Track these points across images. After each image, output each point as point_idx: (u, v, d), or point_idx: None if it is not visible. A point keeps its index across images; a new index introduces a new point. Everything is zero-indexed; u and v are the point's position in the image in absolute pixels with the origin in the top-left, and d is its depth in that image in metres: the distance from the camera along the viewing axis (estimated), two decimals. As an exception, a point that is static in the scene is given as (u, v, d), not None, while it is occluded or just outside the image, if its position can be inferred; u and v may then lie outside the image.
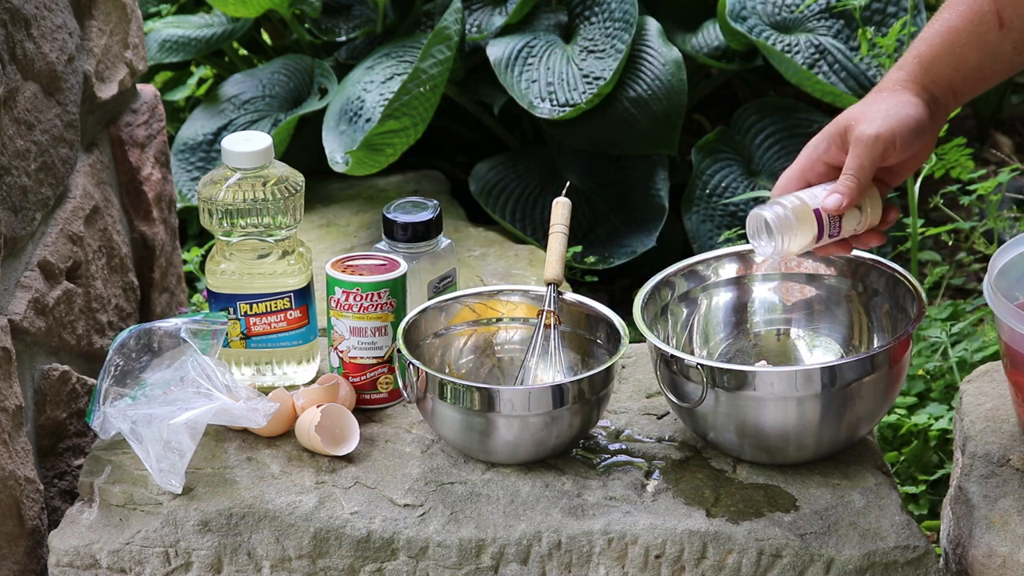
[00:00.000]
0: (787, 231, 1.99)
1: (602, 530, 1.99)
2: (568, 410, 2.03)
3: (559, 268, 2.14)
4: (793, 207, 2.00)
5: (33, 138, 2.20)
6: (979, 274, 3.12)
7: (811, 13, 3.25)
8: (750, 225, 2.02)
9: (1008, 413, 2.11)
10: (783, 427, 2.02)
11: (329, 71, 3.29)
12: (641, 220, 3.16)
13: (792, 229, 1.99)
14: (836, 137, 2.01)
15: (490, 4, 3.29)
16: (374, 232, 3.03)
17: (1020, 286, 2.08)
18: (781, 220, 1.99)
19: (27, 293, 2.18)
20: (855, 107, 2.01)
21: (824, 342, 2.19)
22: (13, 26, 2.15)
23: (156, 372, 2.13)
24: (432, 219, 2.22)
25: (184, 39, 3.40)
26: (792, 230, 1.99)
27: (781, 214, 1.99)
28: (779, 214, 1.99)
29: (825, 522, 1.99)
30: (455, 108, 3.33)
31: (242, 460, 2.10)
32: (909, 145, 1.99)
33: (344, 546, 2.01)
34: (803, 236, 2.00)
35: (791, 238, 2.00)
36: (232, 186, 2.16)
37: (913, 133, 1.99)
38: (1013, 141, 3.58)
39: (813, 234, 2.00)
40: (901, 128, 1.98)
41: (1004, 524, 1.97)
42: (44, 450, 2.22)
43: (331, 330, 2.17)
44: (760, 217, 2.01)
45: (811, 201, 2.00)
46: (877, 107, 1.99)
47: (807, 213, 2.00)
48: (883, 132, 1.97)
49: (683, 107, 3.13)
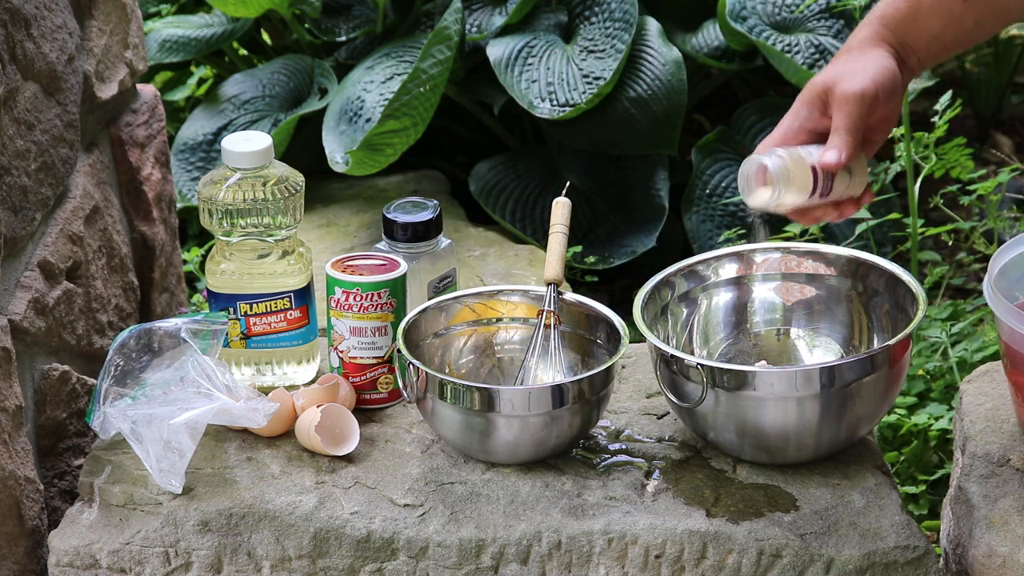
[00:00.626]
0: (785, 181, 1.96)
1: (602, 530, 1.99)
2: (568, 410, 2.03)
3: (559, 268, 2.14)
4: (792, 158, 1.97)
5: (33, 138, 2.20)
6: (979, 274, 3.12)
7: (811, 13, 3.25)
8: (744, 173, 1.98)
9: (1008, 413, 2.11)
10: (783, 427, 2.02)
11: (329, 71, 3.29)
12: (641, 220, 3.16)
13: (789, 180, 1.96)
14: (816, 101, 1.99)
15: (490, 4, 3.29)
16: (374, 232, 3.03)
17: (1020, 286, 2.08)
18: (780, 169, 1.96)
19: (27, 293, 2.18)
20: (828, 70, 2.00)
21: (824, 342, 2.19)
22: (13, 26, 2.15)
23: (156, 372, 2.13)
24: (432, 219, 2.22)
25: (184, 39, 3.40)
26: (789, 181, 1.96)
27: (780, 164, 1.96)
28: (778, 164, 1.96)
29: (825, 522, 1.99)
30: (455, 108, 3.33)
31: (242, 460, 2.10)
32: (890, 99, 1.99)
33: (344, 546, 2.01)
34: (798, 190, 1.97)
35: (787, 190, 1.97)
36: (232, 186, 2.16)
37: (892, 86, 1.98)
38: (1013, 141, 3.58)
39: (808, 189, 1.97)
40: (883, 82, 1.97)
41: (1004, 524, 1.97)
42: (44, 450, 2.22)
43: (331, 330, 2.17)
44: (758, 164, 1.97)
45: (807, 156, 1.97)
46: (853, 65, 1.98)
47: (804, 167, 1.97)
48: (867, 87, 1.96)
49: (683, 107, 3.13)
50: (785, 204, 1.99)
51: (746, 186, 1.99)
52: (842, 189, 2.00)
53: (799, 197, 1.98)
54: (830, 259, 2.19)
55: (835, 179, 1.98)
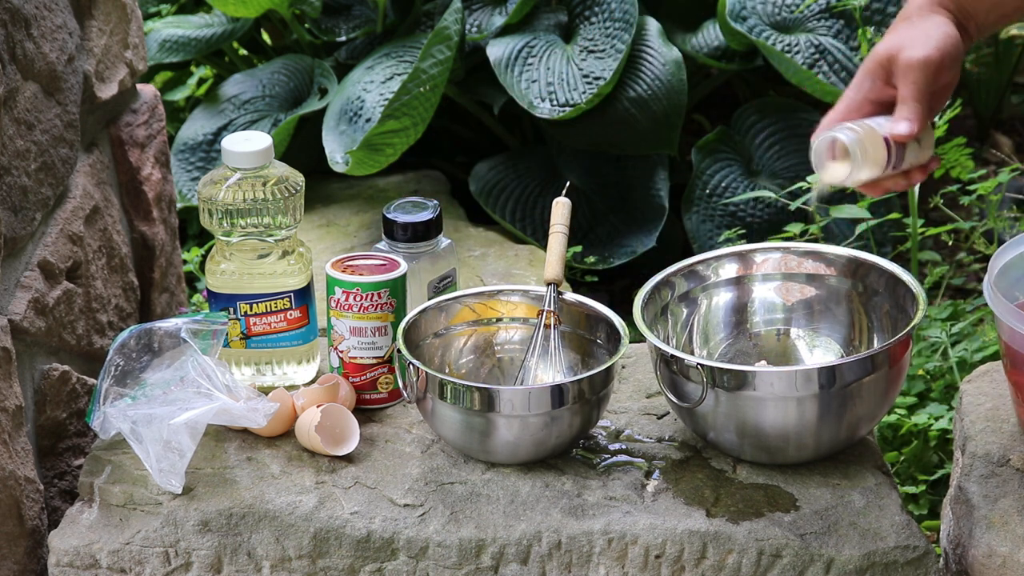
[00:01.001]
0: (863, 155, 1.91)
1: (602, 530, 1.99)
2: (568, 410, 2.03)
3: (559, 268, 2.14)
4: (865, 131, 1.91)
5: (33, 138, 2.20)
6: (979, 274, 3.12)
7: (811, 13, 3.25)
8: (818, 150, 1.93)
9: (1008, 413, 2.11)
10: (783, 427, 2.02)
11: (329, 71, 3.29)
12: (641, 220, 3.16)
13: (867, 154, 1.91)
14: (879, 71, 1.94)
15: (490, 4, 3.29)
16: (374, 232, 3.03)
17: (1020, 286, 2.08)
18: (856, 143, 1.91)
19: (27, 293, 2.18)
20: (889, 38, 1.95)
21: (824, 342, 2.19)
22: (13, 26, 2.15)
23: (156, 372, 2.13)
24: (432, 219, 2.22)
25: (184, 39, 3.40)
26: (868, 155, 1.91)
27: (855, 138, 1.91)
28: (853, 138, 1.90)
29: (825, 522, 1.99)
30: (455, 108, 3.33)
31: (242, 460, 2.10)
32: (954, 64, 1.94)
33: (344, 546, 2.01)
34: (874, 163, 1.92)
35: (864, 163, 1.92)
36: (232, 186, 2.16)
37: (956, 52, 1.93)
38: (1013, 141, 3.58)
39: (883, 162, 1.92)
40: (946, 48, 1.92)
41: (1004, 524, 1.97)
42: (44, 450, 2.22)
43: (331, 330, 2.17)
44: (833, 140, 1.92)
45: (878, 128, 1.92)
46: (914, 32, 1.94)
47: (877, 139, 1.92)
48: (932, 54, 1.91)
49: (683, 107, 3.13)
50: (861, 178, 1.93)
51: (819, 162, 1.94)
52: (912, 158, 1.95)
53: (875, 170, 1.93)
54: (830, 259, 2.19)
55: (906, 149, 1.94)
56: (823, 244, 2.30)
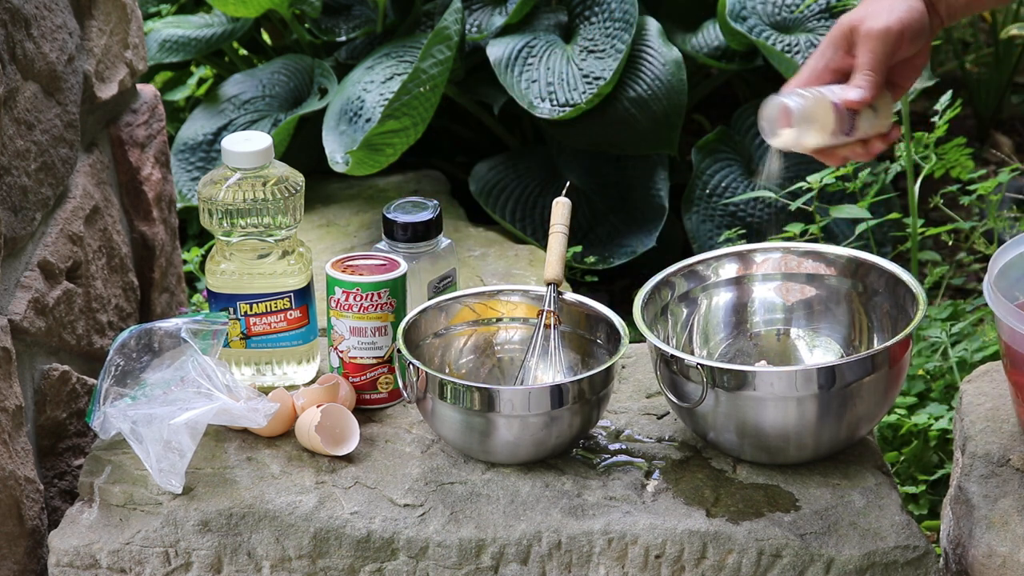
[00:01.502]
0: (806, 120, 1.94)
1: (602, 530, 1.99)
2: (568, 410, 2.03)
3: (559, 268, 2.14)
4: (813, 96, 1.95)
5: (33, 138, 2.20)
6: (979, 274, 3.12)
7: (811, 13, 3.25)
8: (765, 113, 1.97)
9: (1008, 413, 2.11)
10: (783, 427, 2.02)
11: (329, 71, 3.29)
12: (641, 220, 3.16)
13: (811, 119, 1.94)
14: (841, 41, 1.97)
15: (490, 4, 3.29)
16: (374, 232, 3.03)
17: (1020, 286, 2.08)
18: (800, 109, 1.94)
19: (27, 293, 2.18)
20: (855, 11, 1.98)
21: (824, 342, 2.19)
22: (13, 26, 2.15)
23: (156, 372, 2.13)
24: (432, 219, 2.22)
25: (184, 39, 3.40)
26: (811, 120, 1.94)
27: (800, 103, 1.94)
28: (799, 103, 1.94)
29: (825, 522, 1.99)
30: (455, 108, 3.33)
31: (242, 460, 2.10)
32: (916, 38, 1.97)
33: (344, 546, 2.01)
34: (820, 128, 1.95)
35: (809, 128, 1.95)
36: (232, 186, 2.16)
37: (919, 26, 1.96)
38: (1013, 141, 3.58)
39: (831, 128, 1.95)
40: (908, 20, 1.95)
41: (1004, 524, 1.97)
42: (44, 450, 2.22)
43: (331, 330, 2.17)
44: (779, 104, 1.95)
45: (829, 94, 1.95)
46: (879, 5, 1.97)
47: (826, 105, 1.95)
48: (892, 24, 1.94)
49: (683, 107, 3.13)
50: (807, 144, 1.97)
51: (768, 127, 1.97)
52: (867, 127, 1.97)
53: (821, 136, 1.96)
54: (830, 259, 2.19)
55: (859, 117, 1.96)
56: (823, 244, 2.30)
